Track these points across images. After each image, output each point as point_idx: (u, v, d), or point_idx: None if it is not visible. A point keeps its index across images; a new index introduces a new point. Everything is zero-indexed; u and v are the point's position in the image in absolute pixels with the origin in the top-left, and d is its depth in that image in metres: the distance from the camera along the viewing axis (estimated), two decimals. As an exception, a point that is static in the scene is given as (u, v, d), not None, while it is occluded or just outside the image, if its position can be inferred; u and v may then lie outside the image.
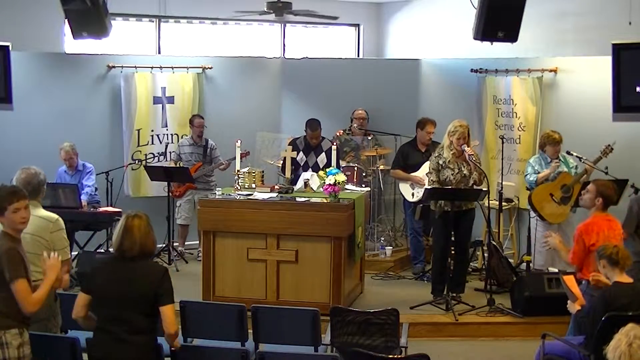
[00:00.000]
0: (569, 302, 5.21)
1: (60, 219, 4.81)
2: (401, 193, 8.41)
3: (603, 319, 4.68)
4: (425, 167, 7.65)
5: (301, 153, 8.09)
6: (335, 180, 6.73)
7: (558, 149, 7.46)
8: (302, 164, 8.08)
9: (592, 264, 5.46)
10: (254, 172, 7.43)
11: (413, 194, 8.17)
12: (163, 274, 4.21)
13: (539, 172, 7.48)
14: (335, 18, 9.71)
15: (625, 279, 4.97)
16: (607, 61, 7.13)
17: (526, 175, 7.62)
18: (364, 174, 8.77)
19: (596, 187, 5.72)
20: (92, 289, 4.24)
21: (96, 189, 8.32)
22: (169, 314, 4.15)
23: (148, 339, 4.20)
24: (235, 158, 7.57)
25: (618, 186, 6.86)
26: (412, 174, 8.14)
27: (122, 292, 4.12)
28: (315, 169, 7.90)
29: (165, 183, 8.62)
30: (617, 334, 3.21)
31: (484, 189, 7.00)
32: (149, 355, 4.22)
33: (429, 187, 7.30)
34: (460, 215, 7.16)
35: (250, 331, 5.14)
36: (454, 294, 7.19)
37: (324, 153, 8.08)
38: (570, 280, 5.25)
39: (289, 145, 8.05)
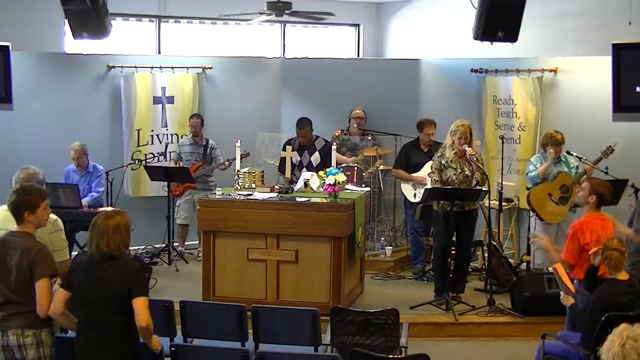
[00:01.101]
0: (562, 294, 5.15)
1: (59, 219, 4.81)
2: (403, 193, 8.40)
3: (603, 319, 4.68)
4: (428, 167, 7.65)
5: (295, 153, 8.10)
6: (335, 180, 6.73)
7: (560, 150, 7.47)
8: (296, 164, 8.09)
9: (585, 263, 5.46)
10: (254, 172, 7.43)
11: (415, 195, 8.15)
12: (137, 270, 4.16)
13: (540, 171, 7.52)
14: (326, 18, 9.66)
15: (622, 275, 4.98)
16: (607, 61, 7.13)
17: (527, 172, 7.63)
18: (363, 174, 8.76)
19: (590, 185, 5.71)
20: (71, 287, 4.21)
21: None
22: (139, 307, 4.06)
23: (129, 337, 4.16)
24: (235, 158, 7.58)
25: (618, 186, 6.87)
26: (414, 174, 8.14)
27: (98, 292, 4.09)
28: (310, 168, 7.91)
29: (165, 183, 8.63)
30: (611, 335, 3.21)
31: (484, 189, 7.00)
32: (131, 354, 4.18)
33: (429, 187, 7.30)
34: (462, 215, 7.15)
35: (250, 331, 5.14)
36: (454, 294, 7.19)
37: (317, 152, 8.09)
38: (560, 269, 5.20)
39: (287, 145, 8.07)
